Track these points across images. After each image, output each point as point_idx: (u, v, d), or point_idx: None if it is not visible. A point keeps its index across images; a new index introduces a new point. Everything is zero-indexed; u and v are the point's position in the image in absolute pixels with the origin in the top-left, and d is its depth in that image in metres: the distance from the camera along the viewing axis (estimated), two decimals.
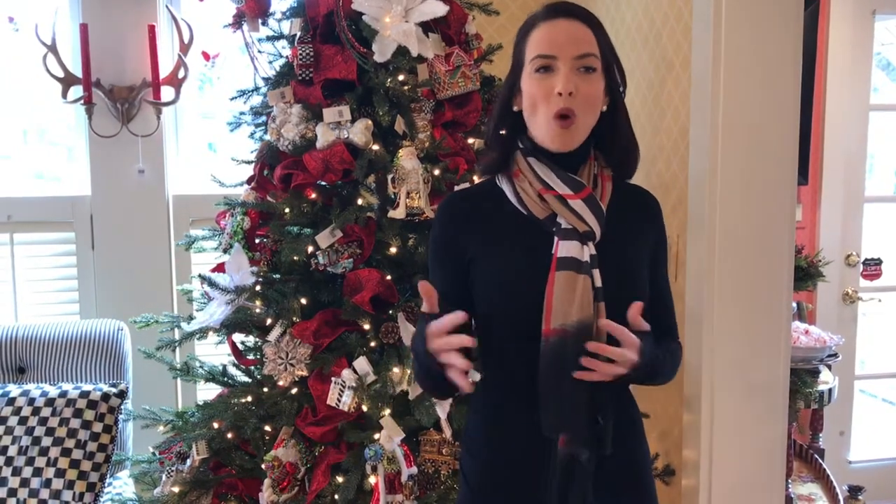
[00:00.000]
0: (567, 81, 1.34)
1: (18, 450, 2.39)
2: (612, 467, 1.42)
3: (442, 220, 1.50)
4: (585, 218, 1.38)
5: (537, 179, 1.41)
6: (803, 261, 2.76)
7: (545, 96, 1.36)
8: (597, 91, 1.38)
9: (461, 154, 2.11)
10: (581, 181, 1.40)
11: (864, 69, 3.50)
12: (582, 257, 1.35)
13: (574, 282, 1.33)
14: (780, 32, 2.14)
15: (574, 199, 1.38)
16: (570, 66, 1.35)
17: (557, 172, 1.40)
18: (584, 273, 1.34)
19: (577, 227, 1.38)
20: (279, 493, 1.98)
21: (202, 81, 3.09)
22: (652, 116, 2.53)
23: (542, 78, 1.37)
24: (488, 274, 1.43)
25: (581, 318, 1.32)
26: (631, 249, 1.45)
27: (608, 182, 1.45)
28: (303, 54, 2.05)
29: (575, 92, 1.34)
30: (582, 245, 1.36)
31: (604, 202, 1.42)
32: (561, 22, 1.38)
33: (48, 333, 2.70)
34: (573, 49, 1.35)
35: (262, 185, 2.18)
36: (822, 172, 3.50)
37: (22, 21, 2.85)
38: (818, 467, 3.06)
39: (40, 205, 2.93)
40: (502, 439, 1.46)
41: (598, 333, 1.34)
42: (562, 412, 1.36)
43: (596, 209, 1.39)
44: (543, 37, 1.37)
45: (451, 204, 1.52)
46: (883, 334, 3.93)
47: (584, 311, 1.33)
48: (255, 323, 2.11)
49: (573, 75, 1.35)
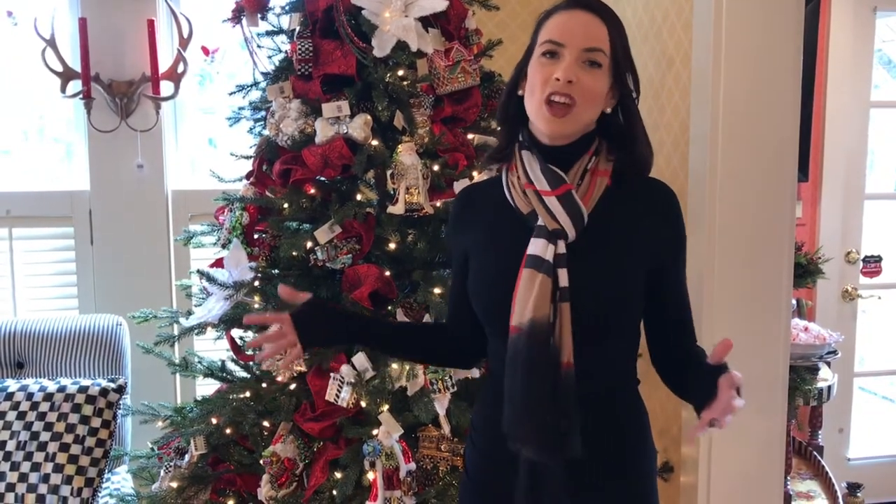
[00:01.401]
0: (568, 69, 1.33)
1: (16, 445, 2.38)
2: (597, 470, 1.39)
3: (453, 212, 1.56)
4: (557, 216, 1.35)
5: (524, 173, 1.40)
6: (803, 258, 2.75)
7: (544, 80, 1.34)
8: (598, 86, 1.36)
9: (460, 150, 2.10)
10: (562, 177, 1.37)
11: (865, 66, 3.50)
12: (545, 256, 1.33)
13: (533, 280, 1.32)
14: (781, 29, 2.14)
15: (549, 195, 1.36)
16: (576, 57, 1.34)
17: (543, 167, 1.38)
18: (544, 272, 1.32)
19: (548, 225, 1.36)
20: (277, 489, 1.98)
21: (202, 77, 3.09)
22: (652, 112, 2.53)
23: (546, 63, 1.36)
24: (474, 266, 1.46)
25: (533, 317, 1.31)
26: (616, 251, 1.39)
27: (601, 178, 1.40)
28: (302, 49, 2.05)
29: (575, 81, 1.33)
30: (548, 243, 1.34)
31: (588, 200, 1.38)
32: (578, 13, 1.37)
33: (47, 328, 2.69)
34: (582, 41, 1.34)
35: (260, 180, 2.17)
36: (822, 169, 3.50)
37: (21, 15, 2.84)
38: (817, 464, 3.06)
39: (39, 199, 2.92)
40: (497, 432, 1.46)
41: (560, 337, 1.32)
42: (514, 412, 1.36)
43: (571, 207, 1.35)
44: (557, 24, 1.37)
45: (461, 197, 1.57)
46: (882, 332, 3.93)
47: (537, 311, 1.31)
48: None
49: (577, 66, 1.34)
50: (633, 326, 1.45)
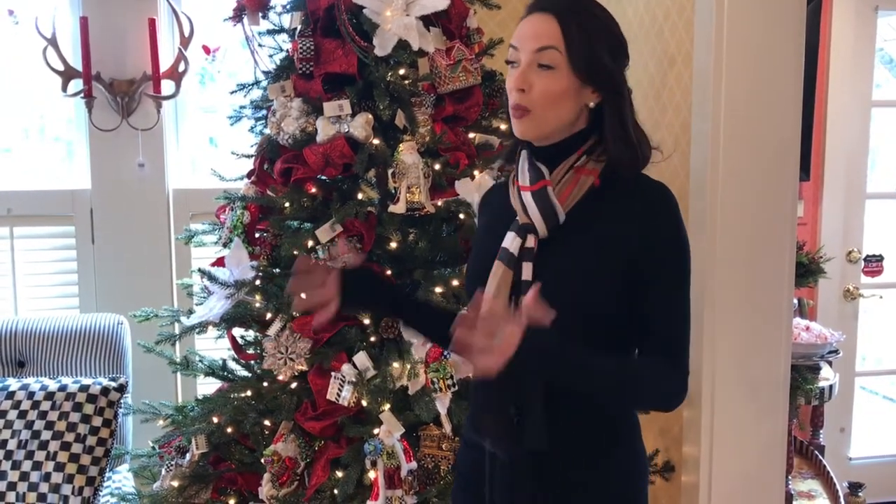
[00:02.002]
0: (518, 77, 1.35)
1: (18, 444, 2.38)
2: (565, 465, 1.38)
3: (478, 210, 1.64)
4: (529, 211, 1.38)
5: (517, 170, 1.44)
6: (804, 257, 2.75)
7: (509, 89, 1.39)
8: (553, 87, 1.33)
9: (462, 149, 2.10)
10: (543, 174, 1.38)
11: (867, 65, 3.49)
12: (510, 248, 1.38)
13: (497, 272, 1.37)
14: (783, 28, 2.13)
15: (526, 191, 1.39)
16: (529, 61, 1.35)
17: (529, 164, 1.41)
18: (506, 264, 1.37)
19: (520, 219, 1.40)
20: (279, 488, 1.98)
21: (203, 76, 3.09)
22: (653, 112, 2.52)
23: (510, 71, 1.39)
24: (468, 262, 1.55)
25: (491, 307, 1.29)
26: (590, 251, 1.35)
27: (584, 176, 1.37)
28: (303, 48, 2.05)
29: (528, 89, 1.35)
30: (516, 236, 1.38)
31: (567, 197, 1.37)
32: (533, 17, 1.37)
33: (48, 327, 2.69)
34: (532, 42, 1.35)
35: (262, 179, 2.17)
36: (823, 168, 3.49)
37: (22, 14, 2.83)
38: (818, 464, 3.06)
39: (40, 198, 2.92)
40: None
41: None
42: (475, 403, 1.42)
43: (543, 203, 1.36)
44: (516, 31, 1.39)
45: (484, 195, 1.65)
46: (884, 331, 3.93)
47: (495, 301, 1.34)
48: (254, 317, 2.11)
49: (530, 70, 1.35)
50: (603, 329, 1.36)
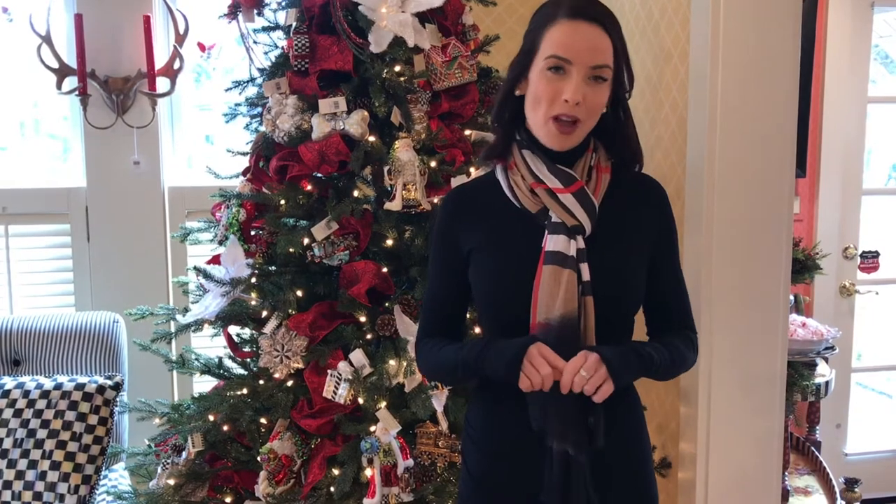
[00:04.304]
0: (576, 91, 1.34)
1: (13, 442, 2.38)
2: (610, 461, 1.42)
3: (445, 213, 1.53)
4: (575, 212, 1.38)
5: (529, 173, 1.42)
6: (801, 253, 2.75)
7: (551, 99, 1.36)
8: (603, 99, 1.39)
9: (458, 146, 2.10)
10: (573, 175, 1.40)
11: (863, 61, 3.49)
12: (568, 251, 1.36)
13: (559, 276, 1.34)
14: (779, 24, 2.13)
15: (564, 192, 1.38)
16: (584, 75, 1.35)
17: (549, 166, 1.40)
18: (569, 268, 1.35)
19: (566, 222, 1.38)
20: (275, 486, 1.98)
21: (198, 73, 3.08)
22: (650, 108, 2.52)
23: (552, 79, 1.36)
24: (484, 267, 1.45)
25: (564, 312, 1.33)
26: (625, 243, 1.44)
27: (605, 174, 1.44)
28: (298, 45, 2.04)
29: (582, 101, 1.35)
30: (569, 239, 1.37)
31: (598, 195, 1.42)
32: (583, 26, 1.35)
33: (43, 325, 2.69)
34: (590, 58, 1.35)
35: (257, 176, 2.17)
36: (819, 165, 3.49)
37: (16, 11, 2.83)
38: (815, 460, 3.07)
39: (35, 196, 2.91)
40: (501, 431, 1.47)
41: (586, 330, 1.35)
42: (547, 409, 1.37)
43: (586, 203, 1.39)
44: (563, 38, 1.35)
45: (455, 196, 1.56)
46: (880, 327, 3.93)
47: (567, 305, 1.34)
48: (250, 315, 2.10)
49: (584, 84, 1.35)
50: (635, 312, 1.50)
